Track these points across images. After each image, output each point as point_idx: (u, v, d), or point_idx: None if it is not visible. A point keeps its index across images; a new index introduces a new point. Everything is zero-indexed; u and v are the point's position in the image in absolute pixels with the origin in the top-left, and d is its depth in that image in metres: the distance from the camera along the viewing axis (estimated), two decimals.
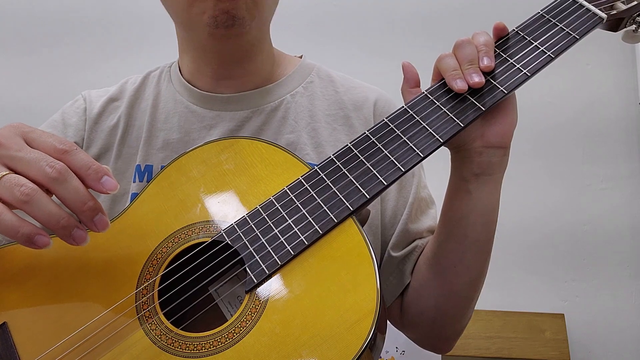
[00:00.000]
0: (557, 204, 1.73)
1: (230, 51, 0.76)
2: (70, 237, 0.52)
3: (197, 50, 0.78)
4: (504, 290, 1.67)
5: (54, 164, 0.52)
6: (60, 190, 0.52)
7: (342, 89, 0.84)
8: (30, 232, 0.51)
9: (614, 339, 1.66)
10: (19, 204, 0.51)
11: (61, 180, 0.52)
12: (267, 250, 0.57)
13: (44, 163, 0.52)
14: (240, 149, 0.66)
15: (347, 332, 0.51)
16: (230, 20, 0.69)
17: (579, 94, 1.78)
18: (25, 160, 0.52)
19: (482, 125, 0.65)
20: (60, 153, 0.53)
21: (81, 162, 0.53)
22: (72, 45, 1.89)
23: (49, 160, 0.52)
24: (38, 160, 0.52)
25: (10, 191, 0.51)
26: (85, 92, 0.84)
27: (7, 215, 0.51)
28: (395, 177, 0.60)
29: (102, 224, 0.54)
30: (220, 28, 0.70)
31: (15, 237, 0.51)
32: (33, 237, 0.51)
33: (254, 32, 0.75)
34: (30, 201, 0.51)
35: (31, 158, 0.52)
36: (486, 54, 0.63)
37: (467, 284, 0.72)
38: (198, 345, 0.54)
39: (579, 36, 0.64)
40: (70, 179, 0.52)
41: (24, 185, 0.51)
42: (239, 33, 0.72)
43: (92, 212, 0.53)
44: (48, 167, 0.51)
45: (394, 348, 1.49)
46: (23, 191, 0.50)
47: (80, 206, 0.52)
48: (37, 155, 0.52)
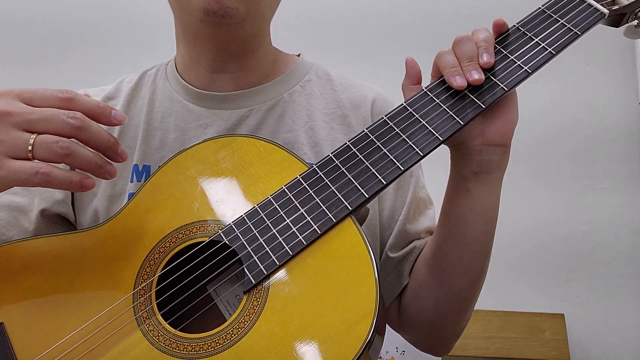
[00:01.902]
0: (556, 204, 1.73)
1: (224, 41, 0.75)
2: (106, 173, 0.57)
3: (191, 37, 0.78)
4: (503, 290, 1.67)
5: (73, 114, 0.55)
6: (86, 135, 0.56)
7: (340, 88, 0.83)
8: (80, 178, 0.56)
9: (614, 339, 1.66)
10: (62, 158, 0.54)
11: (85, 127, 0.55)
12: (266, 250, 0.57)
13: (64, 116, 0.55)
14: (238, 147, 0.65)
15: (346, 333, 0.50)
16: (222, 9, 0.69)
17: (578, 93, 1.77)
18: (44, 119, 0.55)
19: (482, 123, 0.64)
20: (67, 102, 0.56)
21: (88, 104, 0.57)
22: (80, 56, 1.88)
23: (67, 113, 0.55)
24: (57, 115, 0.55)
25: (49, 149, 0.54)
26: (81, 90, 0.84)
27: (57, 171, 0.54)
28: (395, 176, 0.59)
29: (124, 154, 0.59)
30: (211, 16, 0.69)
31: (69, 187, 0.55)
32: (83, 181, 0.56)
33: (249, 25, 0.74)
34: (71, 153, 0.54)
35: (49, 115, 0.55)
36: (486, 50, 0.63)
37: (467, 285, 0.72)
38: (196, 346, 0.54)
39: (580, 32, 0.63)
40: (90, 123, 0.56)
41: (59, 141, 0.54)
42: (230, 22, 0.71)
43: (115, 146, 0.58)
44: (70, 119, 0.55)
45: (394, 348, 1.49)
46: (62, 145, 0.54)
47: (106, 143, 0.57)
48: (52, 111, 0.55)
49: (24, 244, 0.62)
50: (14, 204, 0.73)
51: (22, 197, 0.74)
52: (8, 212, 0.73)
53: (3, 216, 0.72)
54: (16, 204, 0.73)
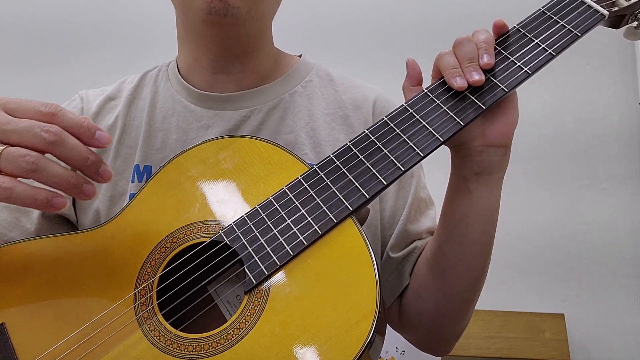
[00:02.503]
0: (556, 204, 1.73)
1: (226, 41, 0.75)
2: (81, 193, 0.53)
3: (194, 37, 0.78)
4: (504, 290, 1.67)
5: (48, 128, 0.52)
6: (60, 151, 0.52)
7: (342, 88, 0.83)
8: (46, 197, 0.52)
9: (614, 339, 1.66)
10: (27, 174, 0.51)
11: (60, 142, 0.52)
12: (266, 251, 0.57)
13: (38, 129, 0.51)
14: (239, 147, 0.65)
15: (346, 333, 0.51)
16: (225, 8, 0.69)
17: (578, 94, 1.77)
18: (18, 130, 0.52)
19: (482, 123, 0.64)
20: (49, 117, 0.53)
21: (71, 121, 0.54)
22: (81, 58, 1.88)
23: (42, 125, 0.52)
24: (31, 127, 0.52)
25: (15, 163, 0.51)
26: (82, 91, 0.84)
27: (21, 187, 0.51)
28: (395, 176, 0.59)
29: (107, 174, 0.55)
30: (214, 15, 0.69)
31: (34, 205, 0.52)
32: (51, 200, 0.52)
33: (251, 25, 0.74)
34: (37, 169, 0.51)
35: (23, 127, 0.52)
36: (486, 51, 0.63)
37: (467, 286, 0.72)
38: (197, 346, 0.54)
39: (580, 33, 0.63)
40: (67, 138, 0.52)
41: (27, 154, 0.51)
42: (232, 22, 0.71)
43: (95, 166, 0.54)
44: (43, 132, 0.51)
45: (394, 348, 1.49)
46: (28, 160, 0.51)
47: (84, 162, 0.53)
48: (28, 123, 0.52)
49: (25, 245, 0.62)
50: (15, 205, 0.73)
51: None
52: (9, 213, 0.73)
53: (4, 217, 0.72)
54: (17, 205, 0.73)
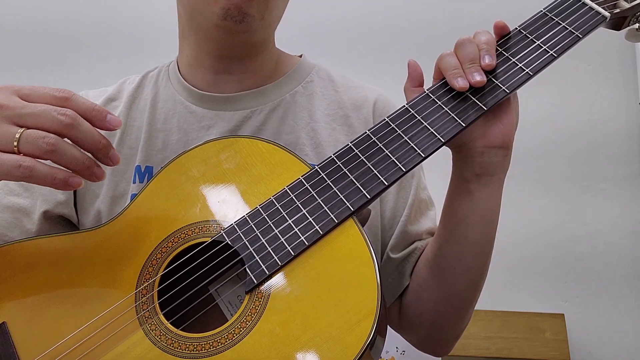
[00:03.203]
0: (557, 205, 1.73)
1: (232, 46, 0.76)
2: (93, 175, 0.56)
3: (199, 37, 0.77)
4: (504, 290, 1.67)
5: (64, 112, 0.55)
6: (75, 134, 0.55)
7: (342, 89, 0.83)
8: (65, 176, 0.54)
9: (614, 339, 1.66)
10: (46, 154, 0.54)
11: (75, 125, 0.55)
12: (268, 251, 0.57)
13: (55, 112, 0.54)
14: (240, 148, 0.66)
15: (347, 333, 0.51)
16: (241, 16, 0.69)
17: (579, 95, 1.78)
18: (35, 114, 0.54)
19: (483, 124, 0.64)
20: (62, 101, 0.56)
21: (84, 105, 0.56)
22: (82, 60, 1.88)
23: (58, 109, 0.55)
24: (47, 111, 0.54)
25: (34, 144, 0.53)
26: (83, 92, 0.84)
27: (41, 166, 0.54)
28: (396, 177, 0.59)
29: (116, 158, 0.58)
30: (229, 21, 0.70)
31: (52, 184, 0.54)
32: (68, 179, 0.55)
33: (259, 33, 0.75)
34: (56, 150, 0.54)
35: (40, 111, 0.54)
36: (488, 52, 0.63)
37: (467, 286, 0.72)
38: (198, 345, 0.54)
39: (581, 35, 0.63)
40: (82, 122, 0.55)
41: (46, 136, 0.53)
42: (245, 30, 0.72)
43: (106, 149, 0.57)
44: (60, 116, 0.54)
45: (394, 348, 1.49)
46: (48, 141, 0.53)
47: (96, 144, 0.56)
48: (44, 107, 0.55)
49: (26, 244, 0.62)
50: (16, 206, 0.74)
51: (25, 199, 0.74)
52: (10, 214, 0.73)
53: (5, 218, 0.72)
54: (18, 206, 0.74)
